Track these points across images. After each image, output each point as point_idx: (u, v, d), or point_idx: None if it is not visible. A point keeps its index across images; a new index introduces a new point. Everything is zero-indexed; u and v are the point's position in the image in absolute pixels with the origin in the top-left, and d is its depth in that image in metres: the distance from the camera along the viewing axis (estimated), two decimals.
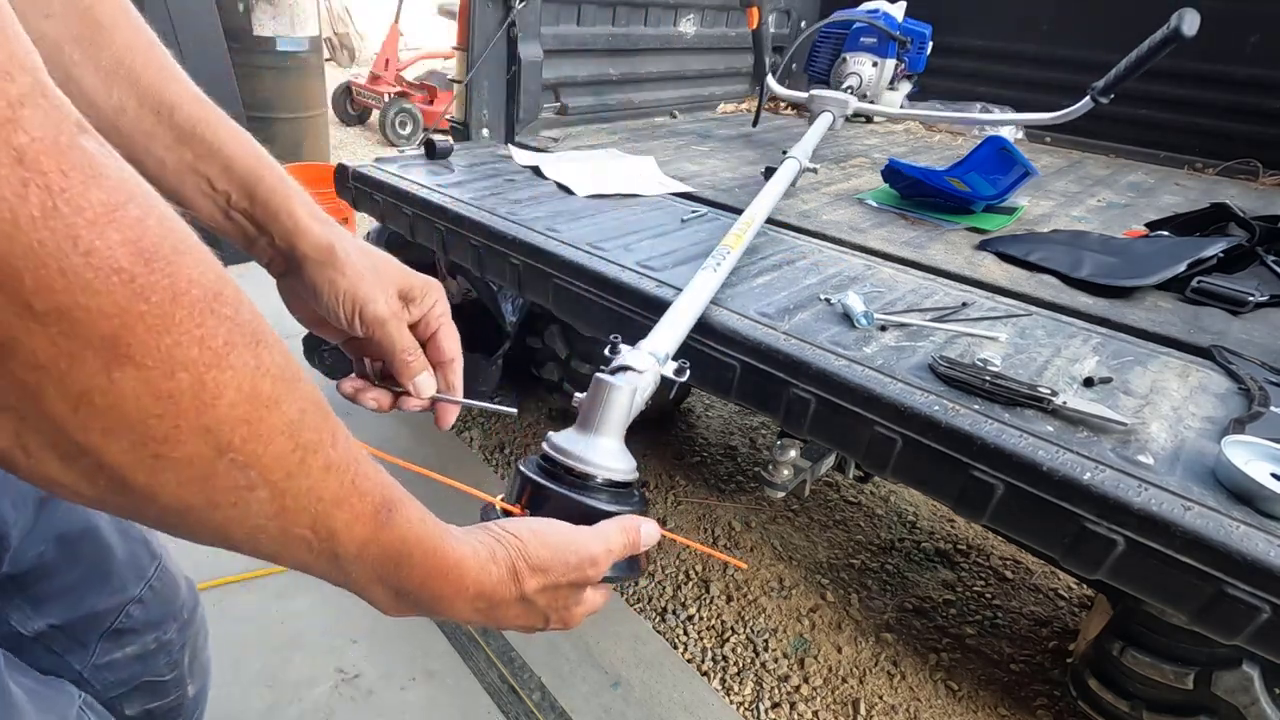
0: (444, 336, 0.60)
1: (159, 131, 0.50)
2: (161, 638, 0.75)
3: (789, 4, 2.98)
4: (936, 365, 0.90)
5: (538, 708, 1.34)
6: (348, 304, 0.54)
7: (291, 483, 0.30)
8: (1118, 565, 0.73)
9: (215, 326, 0.26)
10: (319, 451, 0.31)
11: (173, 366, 0.25)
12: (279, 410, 0.29)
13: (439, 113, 4.08)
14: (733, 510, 1.99)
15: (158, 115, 0.49)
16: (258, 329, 0.29)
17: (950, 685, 1.53)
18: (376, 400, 0.60)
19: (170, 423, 0.25)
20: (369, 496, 0.34)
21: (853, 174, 1.97)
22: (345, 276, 0.54)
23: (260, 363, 0.28)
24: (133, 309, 0.23)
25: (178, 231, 0.25)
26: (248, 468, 0.29)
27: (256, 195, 0.53)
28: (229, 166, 0.52)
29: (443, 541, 0.39)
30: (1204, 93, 2.37)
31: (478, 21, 1.79)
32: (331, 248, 0.54)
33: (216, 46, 2.60)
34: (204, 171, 0.52)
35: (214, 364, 0.26)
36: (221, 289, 0.27)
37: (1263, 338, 1.10)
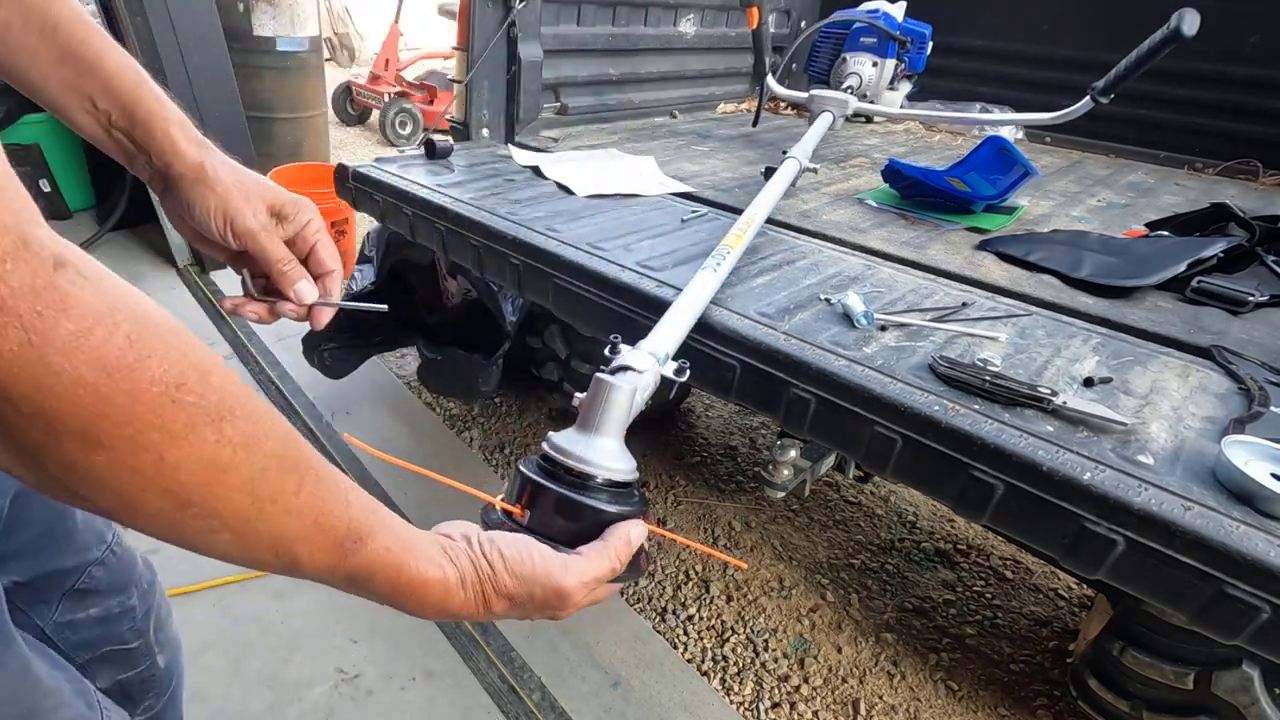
0: (321, 250, 0.64)
1: (42, 49, 0.53)
2: (125, 603, 0.77)
3: (789, 4, 2.98)
4: (936, 365, 0.90)
5: (538, 708, 1.34)
6: (219, 218, 0.59)
7: (251, 526, 0.36)
8: (1118, 565, 0.73)
9: (175, 413, 0.32)
10: (279, 500, 0.37)
11: (135, 449, 0.31)
12: (237, 473, 0.35)
13: (439, 113, 4.08)
14: (733, 510, 1.99)
15: (41, 33, 0.52)
16: (225, 405, 0.34)
17: (950, 685, 1.53)
18: (255, 312, 0.64)
19: (138, 487, 0.32)
20: (333, 532, 0.40)
21: (853, 174, 1.97)
22: (215, 193, 0.58)
23: (221, 436, 0.34)
24: (97, 410, 0.29)
25: (144, 339, 0.31)
26: (210, 518, 0.35)
27: (136, 116, 0.56)
28: (109, 87, 0.55)
29: (409, 568, 0.43)
30: (1204, 93, 2.37)
31: (478, 21, 1.79)
32: (202, 166, 0.58)
33: (216, 46, 2.60)
34: (85, 90, 0.55)
35: (173, 444, 0.32)
36: (186, 379, 0.32)
37: (1263, 338, 1.10)
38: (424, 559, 0.44)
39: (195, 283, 2.81)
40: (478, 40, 1.80)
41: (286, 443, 0.37)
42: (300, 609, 1.47)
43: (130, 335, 0.30)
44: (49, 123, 3.03)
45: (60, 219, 3.23)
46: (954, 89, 2.81)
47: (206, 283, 2.81)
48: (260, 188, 0.61)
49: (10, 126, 2.91)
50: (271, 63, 3.88)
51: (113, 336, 0.29)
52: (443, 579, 0.45)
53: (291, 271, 0.62)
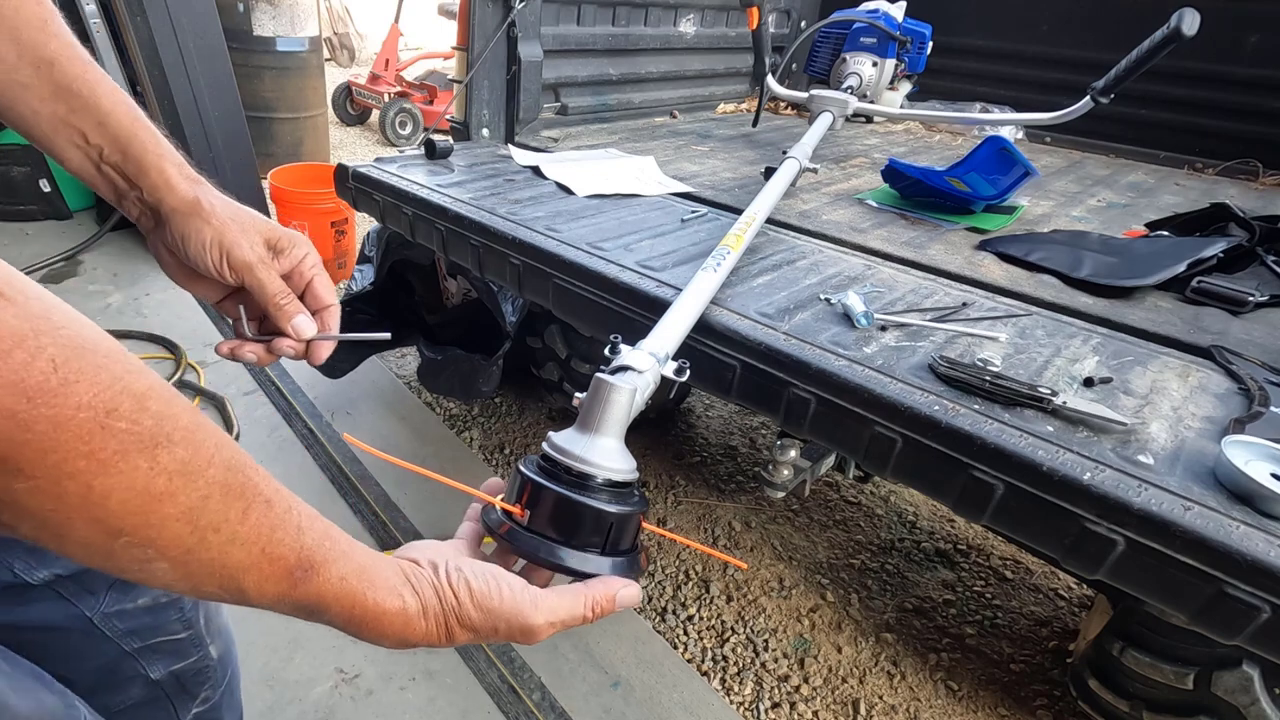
0: (319, 286, 0.63)
1: (35, 84, 0.53)
2: (160, 599, 0.75)
3: (789, 4, 2.98)
4: (936, 365, 0.90)
5: (538, 708, 1.34)
6: (214, 250, 0.58)
7: (192, 556, 0.35)
8: (1118, 565, 0.73)
9: (104, 440, 0.30)
10: (222, 529, 0.35)
11: (59, 477, 0.30)
12: (174, 501, 0.33)
13: (439, 113, 4.08)
14: (733, 510, 1.99)
15: (36, 69, 0.52)
16: (162, 431, 0.33)
17: (950, 685, 1.53)
18: (254, 353, 0.63)
19: (63, 515, 0.31)
20: (282, 561, 0.38)
21: (853, 174, 1.97)
22: (210, 225, 0.57)
23: (156, 464, 0.32)
24: (16, 437, 0.28)
25: (72, 362, 0.30)
26: (145, 547, 0.33)
27: (129, 152, 0.56)
28: (103, 123, 0.55)
29: (365, 598, 0.42)
30: (1204, 93, 2.37)
31: (478, 21, 1.79)
32: (197, 200, 0.57)
33: (216, 46, 2.60)
34: (78, 125, 0.55)
35: (102, 472, 0.31)
36: (117, 404, 0.31)
37: (1263, 338, 1.10)
38: (383, 589, 0.43)
39: None
40: (478, 40, 1.80)
41: (232, 469, 0.36)
42: None
43: (55, 359, 0.29)
44: None
45: (60, 219, 3.23)
46: (954, 89, 2.81)
47: None
48: (255, 221, 0.60)
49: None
50: (271, 63, 3.89)
51: (35, 360, 0.28)
52: (402, 609, 0.44)
53: (289, 306, 0.61)
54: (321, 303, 0.64)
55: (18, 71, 0.52)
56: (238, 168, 2.82)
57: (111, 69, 2.50)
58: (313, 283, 0.63)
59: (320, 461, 1.93)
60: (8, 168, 3.03)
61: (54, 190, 3.16)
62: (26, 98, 0.53)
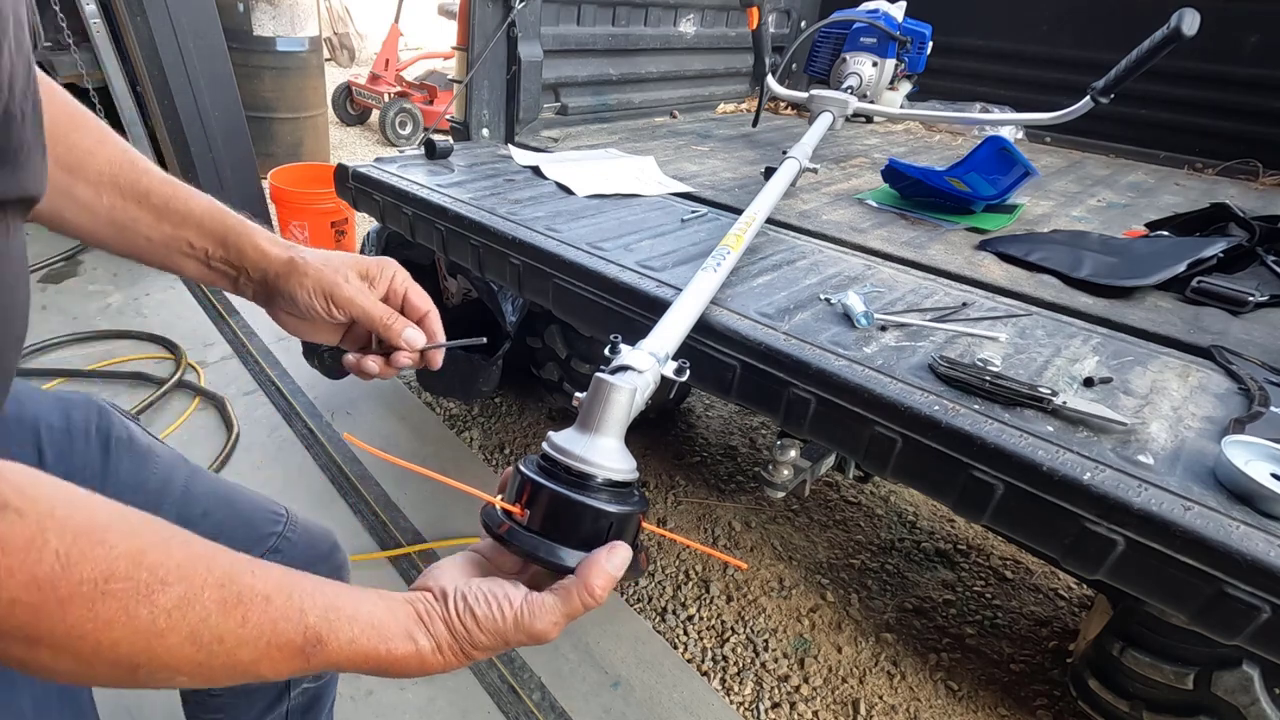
0: (414, 297, 0.68)
1: (142, 216, 0.61)
2: None
3: (789, 4, 2.98)
4: (936, 365, 0.90)
5: (538, 708, 1.34)
6: (319, 297, 0.63)
7: (205, 667, 0.39)
8: (1118, 565, 0.73)
9: (106, 604, 0.35)
10: (226, 639, 0.39)
11: (72, 640, 0.35)
12: (176, 631, 0.37)
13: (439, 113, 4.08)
14: (733, 510, 1.99)
15: (139, 204, 0.61)
16: (157, 577, 0.37)
17: (950, 685, 1.53)
18: (375, 363, 0.67)
19: (84, 664, 0.36)
20: (289, 646, 0.42)
21: (853, 174, 1.97)
22: (309, 276, 0.63)
23: (155, 607, 0.37)
24: (35, 619, 0.34)
25: (73, 551, 0.35)
26: (160, 670, 0.38)
27: (228, 242, 0.63)
28: (201, 226, 0.63)
29: (379, 650, 0.45)
30: (1204, 93, 2.37)
31: (478, 21, 1.79)
32: (291, 259, 0.63)
33: (216, 46, 2.60)
34: (184, 237, 0.63)
35: (106, 628, 0.36)
36: (115, 569, 0.36)
37: (1263, 338, 1.10)
38: (397, 636, 0.45)
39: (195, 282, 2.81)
40: (478, 40, 1.80)
41: (224, 585, 0.40)
42: None
43: (59, 550, 0.34)
44: None
45: None
46: (954, 89, 2.81)
47: None
48: (345, 259, 0.66)
49: None
50: (271, 63, 3.89)
51: (43, 557, 0.34)
52: (416, 652, 0.46)
53: (395, 324, 0.66)
54: (419, 311, 0.69)
55: (124, 211, 0.60)
56: (238, 168, 2.82)
57: (112, 69, 2.50)
58: (407, 295, 0.68)
59: (320, 461, 1.93)
60: None
61: None
62: (137, 229, 0.61)
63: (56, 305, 2.55)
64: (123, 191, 0.60)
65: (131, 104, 2.58)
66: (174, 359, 2.27)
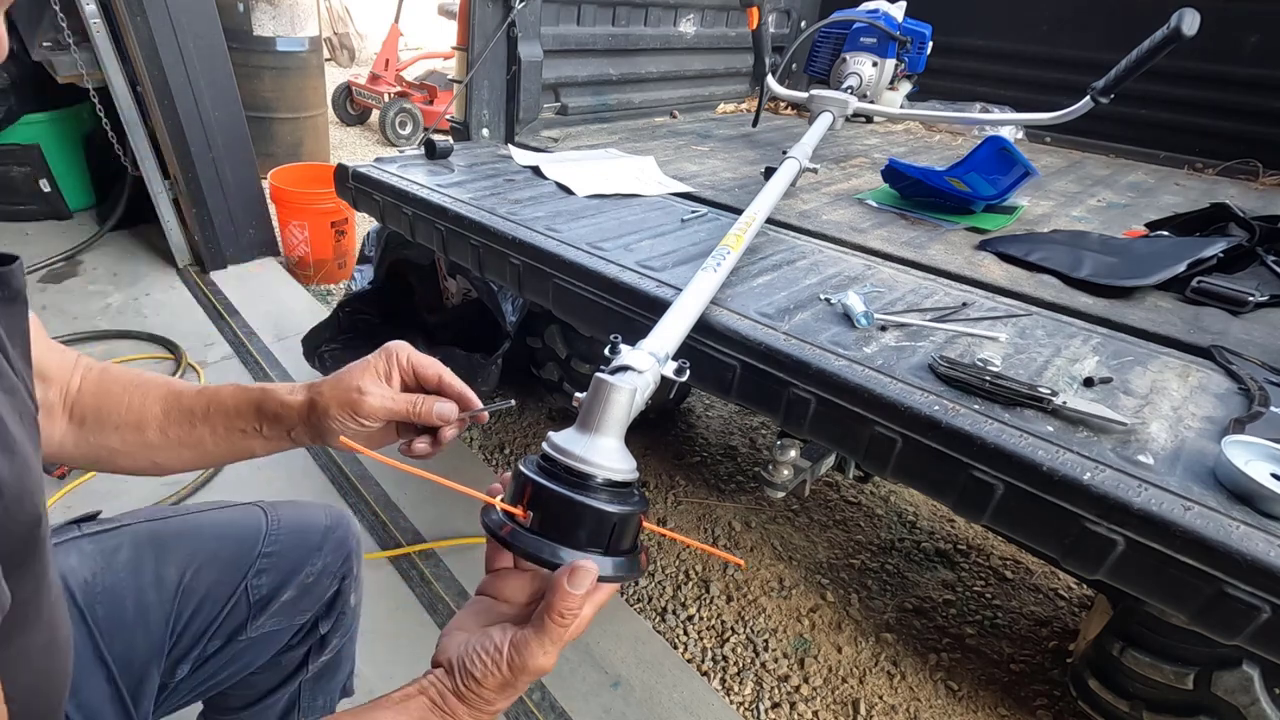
0: (423, 368, 0.69)
1: (200, 428, 0.70)
2: (306, 580, 0.85)
3: (789, 4, 2.98)
4: (936, 365, 0.90)
5: (537, 708, 1.34)
6: (350, 421, 0.66)
7: None
8: (1118, 565, 0.73)
9: None
10: None
11: None
12: None
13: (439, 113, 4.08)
14: (733, 510, 1.99)
15: (193, 422, 0.69)
16: None
17: (950, 685, 1.53)
18: (424, 444, 0.70)
19: None
20: None
21: (853, 174, 1.97)
22: (332, 406, 0.66)
23: None
24: None
25: None
26: None
27: (262, 410, 0.69)
28: (239, 411, 0.69)
29: None
30: (1204, 93, 2.37)
31: (478, 21, 1.79)
32: (310, 401, 0.68)
33: (217, 46, 2.60)
34: (235, 426, 0.69)
35: None
36: None
37: (1263, 338, 1.10)
38: None
39: (195, 283, 2.81)
40: (478, 40, 1.80)
41: None
42: None
43: None
44: (49, 123, 3.03)
45: (60, 219, 3.23)
46: (954, 89, 2.81)
47: (206, 282, 2.81)
48: (353, 372, 0.67)
49: (10, 126, 2.91)
50: (271, 63, 3.89)
51: None
52: None
53: (422, 408, 0.67)
54: (432, 380, 0.69)
55: (190, 433, 0.69)
56: (238, 168, 2.82)
57: (111, 69, 2.50)
58: (417, 370, 0.69)
59: (320, 461, 1.93)
60: (8, 168, 3.03)
61: (54, 190, 3.16)
62: (204, 442, 0.70)
63: (56, 305, 2.55)
64: (178, 419, 0.69)
65: (131, 104, 2.58)
66: (174, 359, 2.27)
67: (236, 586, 0.81)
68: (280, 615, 0.84)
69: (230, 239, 2.90)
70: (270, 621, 0.83)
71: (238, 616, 0.81)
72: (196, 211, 2.76)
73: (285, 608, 0.84)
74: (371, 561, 1.61)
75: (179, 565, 0.78)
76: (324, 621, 0.89)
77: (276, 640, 0.86)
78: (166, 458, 0.70)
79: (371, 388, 0.66)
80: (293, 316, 2.63)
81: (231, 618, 0.81)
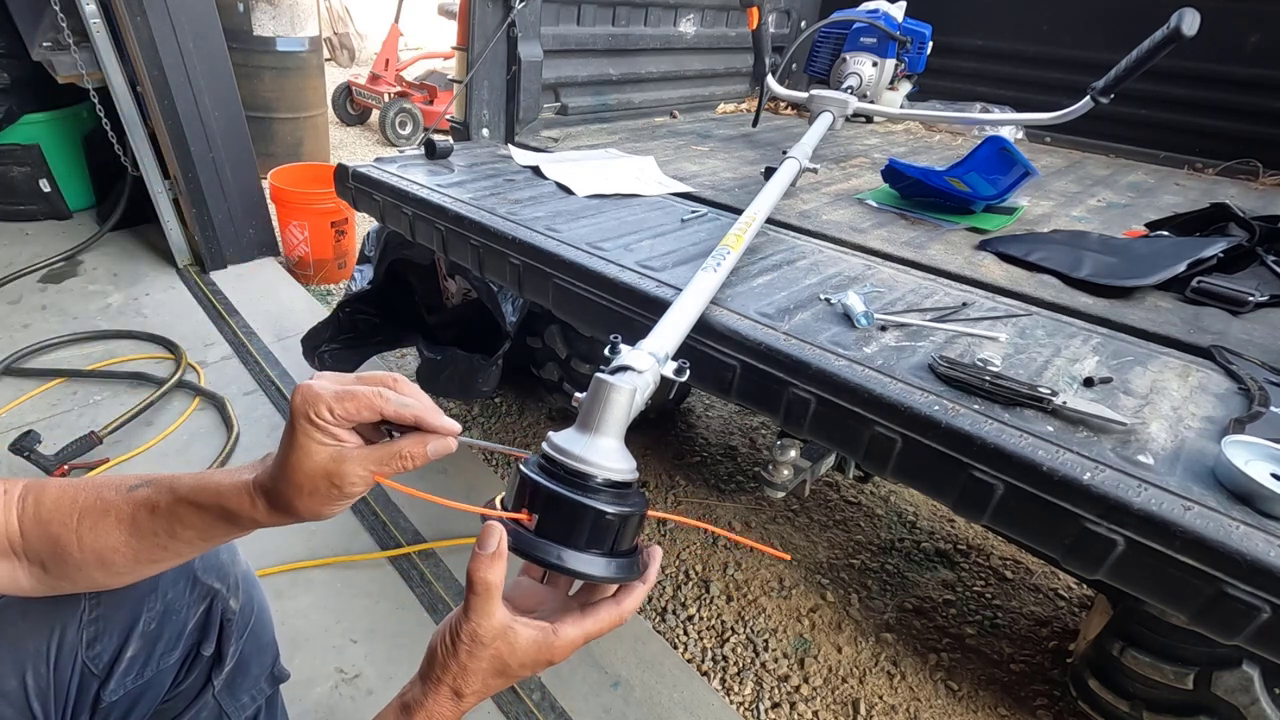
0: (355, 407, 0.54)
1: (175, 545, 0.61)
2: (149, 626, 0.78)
3: (789, 4, 2.98)
4: (936, 365, 0.90)
5: (537, 708, 1.34)
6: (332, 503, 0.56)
7: None
8: (1118, 565, 0.73)
9: None
10: None
11: None
12: None
13: (439, 113, 4.08)
14: (733, 510, 1.99)
15: (161, 546, 0.60)
16: None
17: (950, 685, 1.53)
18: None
19: None
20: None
21: (853, 174, 1.97)
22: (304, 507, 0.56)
23: None
24: None
25: None
26: None
27: (236, 523, 0.59)
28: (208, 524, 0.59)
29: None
30: (1204, 93, 2.37)
31: (478, 21, 1.79)
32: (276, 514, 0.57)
33: (217, 46, 2.60)
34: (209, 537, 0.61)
35: None
36: None
37: (1263, 338, 1.10)
38: None
39: (195, 282, 2.81)
40: (478, 40, 1.80)
41: None
42: (300, 609, 1.47)
43: None
44: (49, 122, 3.03)
45: (60, 219, 3.23)
46: (954, 89, 2.81)
47: (206, 282, 2.81)
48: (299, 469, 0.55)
49: (10, 126, 2.91)
50: (271, 63, 3.89)
51: None
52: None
53: (406, 449, 0.57)
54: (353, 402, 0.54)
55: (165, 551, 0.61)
56: (238, 168, 2.82)
57: (111, 69, 2.50)
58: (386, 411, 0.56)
59: None
60: (8, 168, 3.03)
61: (54, 190, 3.16)
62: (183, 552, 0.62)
63: (56, 305, 2.55)
64: (145, 547, 0.60)
65: (131, 104, 2.57)
66: (174, 359, 2.27)
67: (72, 667, 0.72)
68: (133, 673, 0.76)
69: (230, 239, 2.90)
70: (128, 680, 0.76)
71: (88, 691, 0.74)
72: (196, 211, 2.75)
73: (135, 663, 0.76)
74: (371, 561, 1.61)
75: (16, 672, 0.69)
76: (206, 644, 0.83)
77: (157, 684, 0.79)
78: (146, 573, 0.64)
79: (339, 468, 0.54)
80: (293, 316, 2.63)
81: (84, 693, 0.73)
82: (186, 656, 0.82)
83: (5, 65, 2.79)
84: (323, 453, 0.54)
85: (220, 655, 0.85)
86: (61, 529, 0.59)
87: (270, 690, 0.96)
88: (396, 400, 0.55)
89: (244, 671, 0.90)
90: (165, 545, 0.60)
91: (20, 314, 2.46)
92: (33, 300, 2.56)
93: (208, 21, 2.55)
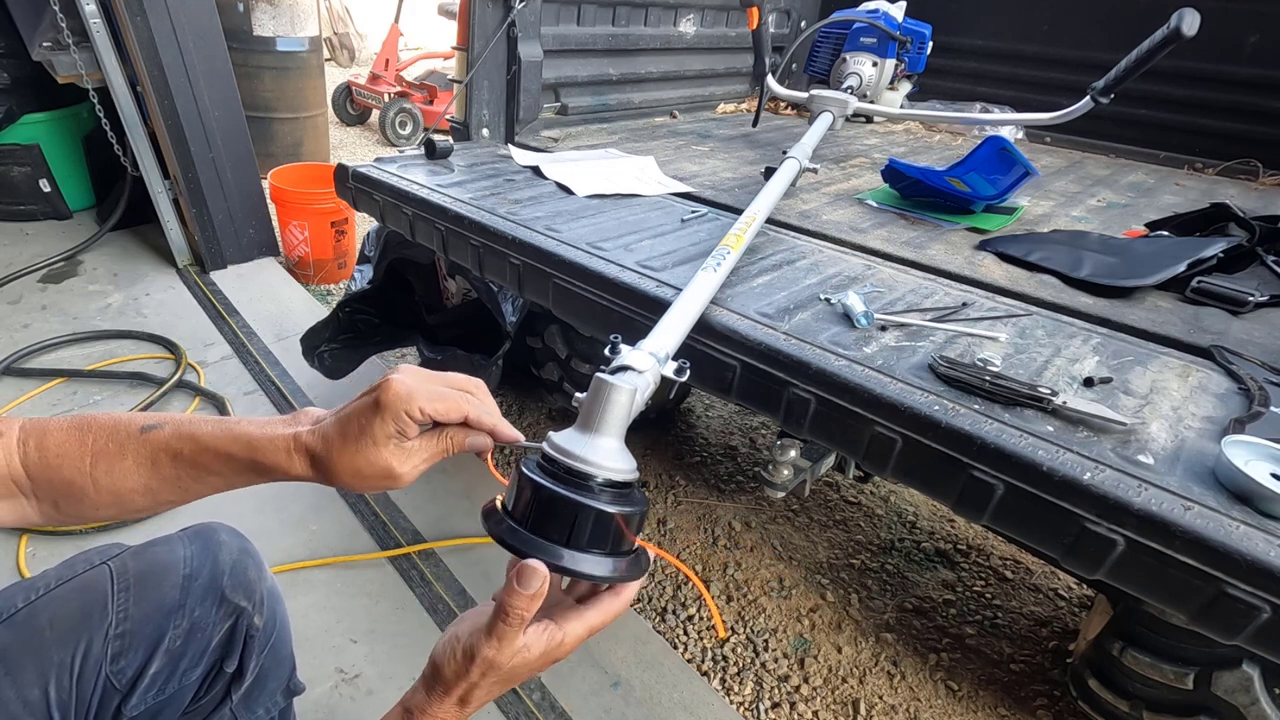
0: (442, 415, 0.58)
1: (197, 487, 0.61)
2: (159, 634, 0.76)
3: (789, 4, 2.98)
4: (936, 365, 0.90)
5: (537, 708, 1.34)
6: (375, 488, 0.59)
7: None
8: (1118, 565, 0.73)
9: None
10: None
11: None
12: None
13: (439, 113, 4.08)
14: (733, 510, 1.99)
15: (184, 488, 0.61)
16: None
17: (950, 685, 1.53)
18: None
19: None
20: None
21: (853, 174, 1.97)
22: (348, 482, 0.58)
23: None
24: None
25: None
26: None
27: (262, 472, 0.60)
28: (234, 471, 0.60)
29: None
30: (1204, 93, 2.37)
31: (478, 21, 1.79)
32: (318, 474, 0.59)
33: (216, 46, 2.60)
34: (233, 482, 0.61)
35: None
36: None
37: (1263, 338, 1.10)
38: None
39: (195, 282, 2.81)
40: (478, 40, 1.80)
41: None
42: (300, 609, 1.47)
43: None
44: (49, 122, 3.03)
45: (60, 219, 3.23)
46: (954, 89, 2.81)
47: (207, 282, 2.81)
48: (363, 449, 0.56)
49: (10, 126, 2.91)
50: (271, 63, 3.89)
51: None
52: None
53: (452, 445, 0.60)
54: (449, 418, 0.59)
55: (186, 493, 0.61)
56: (238, 168, 2.82)
57: (111, 69, 2.50)
58: (434, 418, 0.59)
59: None
60: (8, 168, 3.03)
61: (54, 190, 3.16)
62: (202, 492, 0.62)
63: (56, 305, 2.55)
64: (166, 487, 0.61)
65: (131, 104, 2.57)
66: (174, 359, 2.27)
67: (96, 680, 0.72)
68: (155, 688, 0.76)
69: (230, 239, 2.90)
70: (150, 696, 0.76)
71: (110, 705, 0.74)
72: (196, 211, 2.75)
73: (158, 679, 0.76)
74: (372, 561, 1.61)
75: (39, 682, 0.69)
76: (229, 660, 0.82)
77: (178, 699, 0.79)
78: (162, 510, 0.66)
79: (401, 466, 0.57)
80: (293, 316, 2.63)
81: (105, 707, 0.73)
82: (209, 673, 0.81)
83: (5, 65, 2.79)
84: (391, 446, 0.57)
85: (241, 671, 0.84)
86: (75, 473, 0.58)
87: (285, 703, 0.96)
88: (478, 408, 0.60)
89: (262, 686, 0.89)
90: (187, 489, 0.61)
91: (20, 314, 2.46)
92: (33, 300, 2.56)
93: (208, 21, 2.55)
